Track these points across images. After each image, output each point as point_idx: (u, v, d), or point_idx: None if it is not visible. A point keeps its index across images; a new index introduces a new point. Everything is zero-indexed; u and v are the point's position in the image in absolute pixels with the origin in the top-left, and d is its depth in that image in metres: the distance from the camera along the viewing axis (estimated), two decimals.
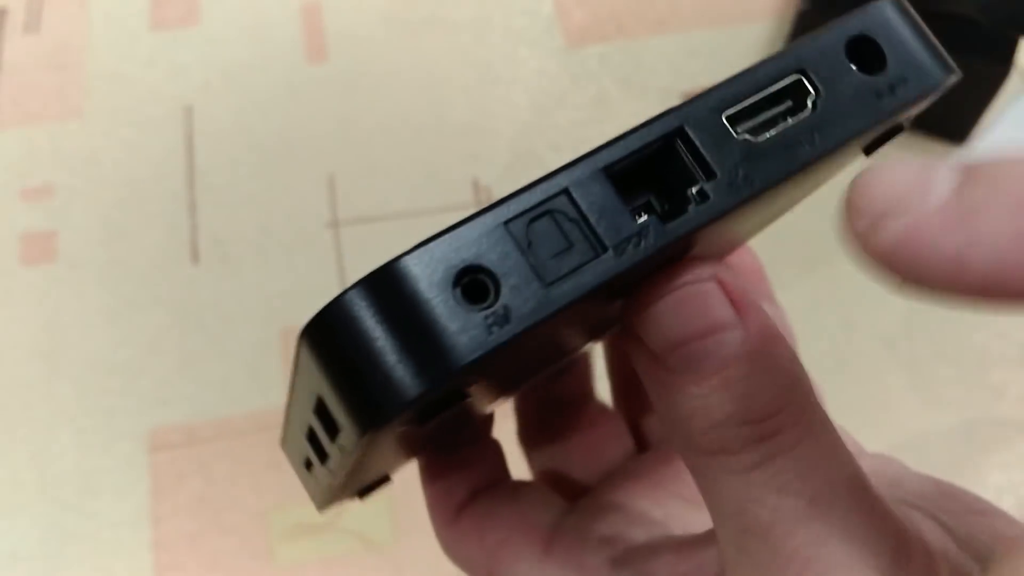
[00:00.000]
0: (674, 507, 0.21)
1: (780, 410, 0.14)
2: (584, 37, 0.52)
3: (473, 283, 0.13)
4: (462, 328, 0.12)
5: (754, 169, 0.14)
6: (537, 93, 0.50)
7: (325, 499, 0.20)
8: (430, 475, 0.22)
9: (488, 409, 0.23)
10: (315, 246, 0.45)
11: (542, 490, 0.22)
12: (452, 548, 0.22)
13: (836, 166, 0.17)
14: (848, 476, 0.14)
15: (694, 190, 0.14)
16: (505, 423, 0.24)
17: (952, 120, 0.47)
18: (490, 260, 0.13)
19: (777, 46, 0.51)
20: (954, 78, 0.15)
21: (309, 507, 0.21)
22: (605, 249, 0.13)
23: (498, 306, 0.12)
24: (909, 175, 0.11)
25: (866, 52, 0.15)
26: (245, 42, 0.51)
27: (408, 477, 0.23)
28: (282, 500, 0.39)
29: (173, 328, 0.43)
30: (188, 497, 0.40)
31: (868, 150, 0.16)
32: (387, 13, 0.52)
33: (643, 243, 0.13)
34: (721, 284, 0.14)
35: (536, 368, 0.20)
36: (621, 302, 0.15)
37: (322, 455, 0.16)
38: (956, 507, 0.16)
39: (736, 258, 0.25)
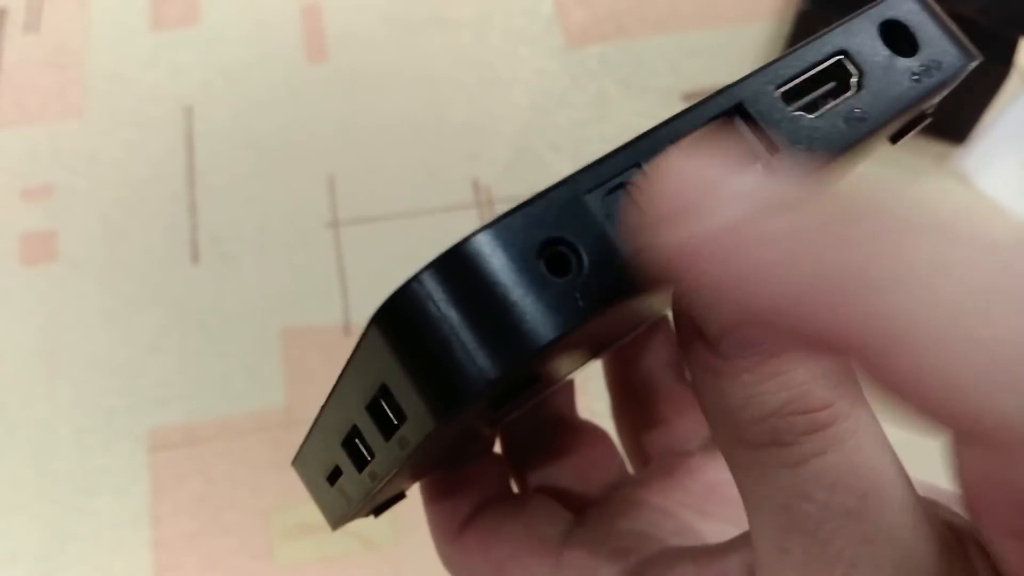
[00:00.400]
0: (684, 518, 0.21)
1: (834, 401, 0.13)
2: (584, 37, 0.52)
3: (556, 255, 0.12)
4: (550, 301, 0.12)
5: (814, 144, 0.14)
6: (537, 93, 0.50)
7: (342, 516, 0.20)
8: (432, 492, 0.22)
9: (491, 430, 0.23)
10: (315, 246, 0.45)
11: (547, 503, 0.21)
12: (456, 565, 0.21)
13: (861, 156, 0.18)
14: (896, 472, 0.14)
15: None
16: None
17: (952, 120, 0.47)
18: (571, 232, 0.12)
19: (777, 46, 0.51)
20: (975, 62, 0.15)
21: (309, 507, 0.21)
22: None
23: (584, 276, 0.12)
24: (705, 174, 0.10)
25: (898, 36, 0.15)
26: (245, 42, 0.51)
27: None
28: (282, 500, 0.39)
29: (173, 328, 0.43)
30: (188, 497, 0.40)
31: (894, 139, 0.17)
32: (387, 13, 0.52)
33: None
34: None
35: (544, 384, 0.20)
36: (663, 299, 0.15)
37: (361, 461, 0.16)
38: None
39: None
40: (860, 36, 0.15)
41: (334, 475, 0.18)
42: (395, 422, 0.14)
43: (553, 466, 0.23)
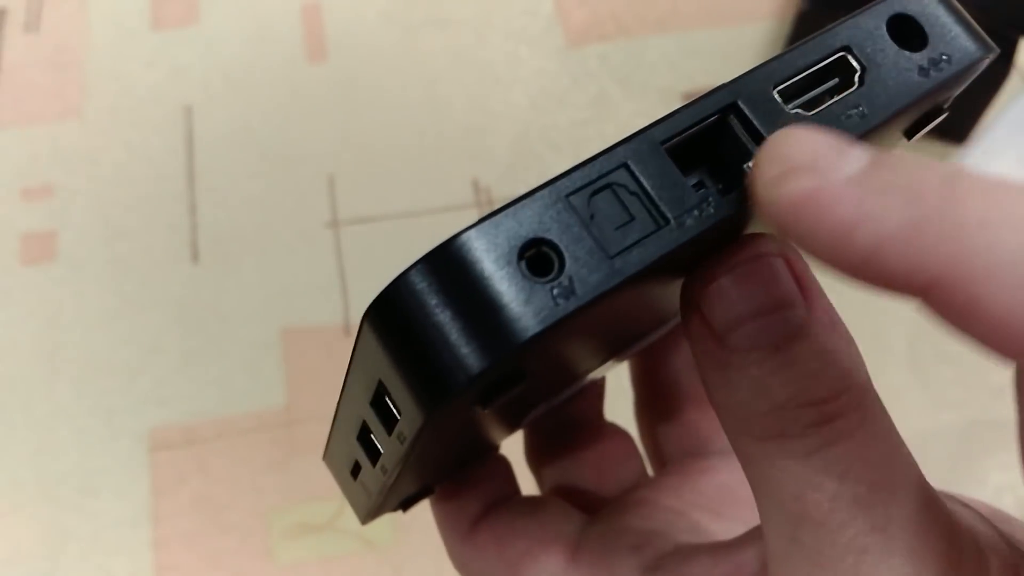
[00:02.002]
0: (697, 517, 0.21)
1: (842, 393, 0.13)
2: (584, 37, 0.52)
3: (538, 256, 0.12)
4: (528, 300, 0.12)
5: None
6: (537, 93, 0.50)
7: (368, 510, 0.20)
8: (439, 493, 0.22)
9: (505, 437, 0.23)
10: (315, 246, 0.45)
11: (560, 503, 0.22)
12: (468, 563, 0.21)
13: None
14: (905, 464, 0.14)
15: (750, 164, 0.13)
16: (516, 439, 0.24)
17: (952, 120, 0.47)
18: (553, 233, 0.13)
19: (777, 46, 0.51)
20: (992, 55, 0.15)
21: (309, 507, 0.21)
22: (667, 221, 0.13)
23: (563, 277, 0.12)
24: (828, 142, 0.12)
25: (907, 30, 0.15)
26: (245, 42, 0.51)
27: None
28: (282, 500, 0.39)
29: (173, 328, 0.43)
30: (188, 497, 0.40)
31: (909, 133, 0.16)
32: (387, 13, 0.52)
33: (704, 214, 0.13)
34: (787, 261, 0.14)
35: (559, 385, 0.20)
36: (671, 294, 0.15)
37: (374, 453, 0.16)
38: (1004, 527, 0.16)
39: None
40: (867, 31, 0.15)
41: (355, 469, 0.18)
42: (397, 416, 0.14)
43: (570, 467, 0.23)
